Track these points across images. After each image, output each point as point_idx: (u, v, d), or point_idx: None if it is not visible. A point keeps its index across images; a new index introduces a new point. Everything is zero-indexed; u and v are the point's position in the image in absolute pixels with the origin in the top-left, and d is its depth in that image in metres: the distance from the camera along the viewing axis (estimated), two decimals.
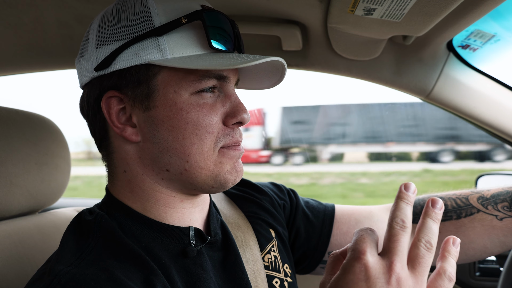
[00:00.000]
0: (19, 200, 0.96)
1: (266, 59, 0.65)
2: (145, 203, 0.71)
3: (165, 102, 0.66)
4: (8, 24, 1.16)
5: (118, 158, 0.72)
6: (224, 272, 0.74)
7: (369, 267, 0.48)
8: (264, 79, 0.80)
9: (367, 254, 0.49)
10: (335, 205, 1.00)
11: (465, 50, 1.18)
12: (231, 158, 0.71)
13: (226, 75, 0.70)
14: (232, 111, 0.70)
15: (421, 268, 0.49)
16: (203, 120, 0.67)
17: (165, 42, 0.65)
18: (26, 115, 1.02)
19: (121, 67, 0.66)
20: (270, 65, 0.75)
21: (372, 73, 1.26)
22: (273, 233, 0.90)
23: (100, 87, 0.68)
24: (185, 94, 0.66)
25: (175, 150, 0.67)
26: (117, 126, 0.68)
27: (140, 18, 0.66)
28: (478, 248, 0.91)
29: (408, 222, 0.51)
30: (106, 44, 0.67)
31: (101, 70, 0.67)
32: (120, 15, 0.67)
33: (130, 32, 0.66)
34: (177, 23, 0.65)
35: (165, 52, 0.65)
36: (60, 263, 0.60)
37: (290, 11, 1.05)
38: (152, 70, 0.66)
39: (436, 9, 0.80)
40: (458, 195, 0.95)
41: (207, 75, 0.67)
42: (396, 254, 0.49)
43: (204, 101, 0.67)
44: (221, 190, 0.73)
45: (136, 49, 0.65)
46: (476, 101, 1.21)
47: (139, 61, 0.65)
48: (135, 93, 0.67)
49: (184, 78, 0.66)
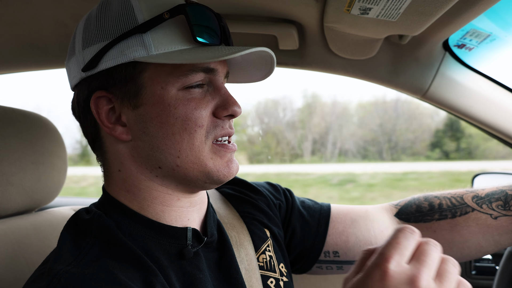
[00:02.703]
0: (15, 199, 0.96)
1: (251, 50, 0.65)
2: (142, 202, 0.71)
3: (153, 99, 0.66)
4: (4, 23, 1.16)
5: (111, 157, 0.72)
6: (219, 272, 0.75)
7: (390, 276, 0.46)
8: (255, 72, 0.79)
9: (392, 262, 0.46)
10: (330, 204, 1.00)
11: (461, 49, 1.19)
12: (222, 157, 0.71)
13: (214, 68, 0.69)
14: (222, 103, 0.70)
15: (448, 283, 0.47)
16: (191, 115, 0.67)
17: (149, 38, 0.65)
18: (23, 114, 1.02)
19: (107, 66, 0.66)
20: (259, 57, 0.75)
21: (368, 72, 1.26)
22: (268, 233, 0.90)
23: (89, 88, 0.69)
24: (172, 89, 0.66)
25: (165, 147, 0.67)
26: (107, 126, 0.68)
27: (124, 16, 0.66)
28: (473, 247, 0.92)
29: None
30: (92, 45, 0.67)
31: (88, 70, 0.67)
32: (104, 15, 0.67)
33: (114, 31, 0.66)
34: (160, 18, 0.65)
35: (150, 49, 0.64)
36: (58, 262, 0.60)
37: (287, 10, 1.05)
38: (138, 67, 0.66)
39: (431, 9, 0.80)
40: (453, 194, 0.95)
41: (193, 69, 0.66)
42: (425, 267, 0.47)
43: (193, 95, 0.67)
44: (216, 185, 0.73)
45: (121, 47, 0.65)
46: (472, 100, 1.22)
47: (124, 59, 0.65)
48: (123, 92, 0.67)
49: (170, 74, 0.66)
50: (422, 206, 0.96)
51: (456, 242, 0.92)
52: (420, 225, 0.95)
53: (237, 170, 0.74)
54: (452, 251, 0.93)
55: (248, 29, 1.12)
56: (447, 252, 0.93)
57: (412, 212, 0.96)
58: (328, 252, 0.95)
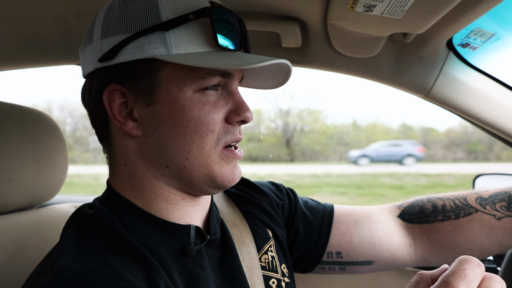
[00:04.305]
0: (16, 195, 0.96)
1: (272, 61, 0.64)
2: (146, 198, 0.70)
3: (168, 98, 0.66)
4: (5, 19, 1.15)
5: (119, 151, 0.71)
6: (221, 270, 0.74)
7: None
8: (268, 79, 0.79)
9: None
10: (334, 205, 1.00)
11: (465, 48, 1.18)
12: (229, 163, 0.71)
13: (231, 73, 0.70)
14: (235, 109, 0.70)
15: None
16: (205, 118, 0.66)
17: (171, 37, 0.64)
18: (24, 110, 1.02)
19: (125, 59, 0.65)
20: (275, 66, 0.74)
21: (371, 71, 1.25)
22: (270, 233, 0.89)
23: (103, 79, 0.68)
24: (188, 91, 0.66)
25: (175, 147, 0.67)
26: (118, 119, 0.68)
27: (148, 11, 0.65)
28: (476, 248, 0.91)
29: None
30: (112, 36, 0.66)
31: (105, 61, 0.66)
32: (128, 7, 0.66)
33: (136, 25, 0.65)
34: (184, 18, 0.64)
35: (170, 48, 0.64)
36: (61, 257, 0.60)
37: (290, 7, 1.05)
38: (156, 65, 0.65)
39: (437, 6, 0.79)
40: (456, 195, 0.95)
41: (211, 72, 0.66)
42: None
43: (207, 98, 0.67)
44: (218, 191, 0.73)
45: (142, 42, 0.64)
46: (475, 100, 1.21)
47: (144, 55, 0.64)
48: (138, 87, 0.67)
49: (188, 75, 0.66)
50: (425, 207, 0.95)
51: (459, 243, 0.91)
52: (423, 226, 0.94)
53: (239, 177, 0.74)
54: (456, 252, 0.92)
55: (251, 26, 1.11)
56: (451, 253, 0.93)
57: (415, 213, 0.96)
58: (331, 253, 0.94)
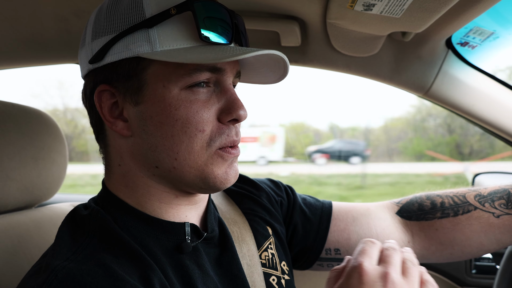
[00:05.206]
0: (15, 194, 0.96)
1: (258, 52, 0.62)
2: (140, 198, 0.70)
3: (154, 97, 0.65)
4: (4, 18, 1.15)
5: (113, 151, 0.71)
6: (220, 268, 0.74)
7: (367, 274, 0.57)
8: (268, 73, 0.76)
9: (365, 263, 0.58)
10: (332, 202, 1.00)
11: (464, 47, 1.18)
12: (223, 162, 0.69)
13: (221, 67, 0.67)
14: (227, 107, 0.67)
15: (412, 277, 0.58)
16: (193, 118, 0.64)
17: (155, 34, 0.63)
18: (23, 109, 1.02)
19: (112, 60, 0.65)
20: (271, 59, 0.71)
21: (370, 69, 1.25)
22: (270, 230, 0.89)
23: (94, 80, 0.68)
24: (174, 89, 0.64)
25: (163, 147, 0.66)
26: (109, 120, 0.68)
27: (132, 9, 0.64)
28: (474, 246, 0.91)
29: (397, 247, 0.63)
30: (100, 37, 0.66)
31: (95, 63, 0.66)
32: (115, 7, 0.66)
33: (122, 24, 0.64)
34: (166, 14, 0.62)
35: (155, 45, 0.63)
36: (56, 258, 0.59)
37: (289, 6, 1.05)
38: (141, 63, 0.64)
39: (436, 5, 0.80)
40: (455, 193, 0.95)
41: (198, 68, 0.64)
42: (391, 265, 0.58)
43: (196, 96, 0.65)
44: (212, 192, 0.71)
45: (127, 41, 0.64)
46: (474, 98, 1.21)
47: (129, 54, 0.63)
48: (125, 87, 0.66)
49: (174, 72, 0.64)
50: (424, 204, 0.95)
51: (458, 240, 0.91)
52: (422, 223, 0.94)
53: (235, 178, 0.71)
54: (454, 250, 0.92)
55: (250, 25, 1.11)
56: (449, 250, 0.93)
57: (414, 210, 0.96)
58: (330, 250, 0.95)
